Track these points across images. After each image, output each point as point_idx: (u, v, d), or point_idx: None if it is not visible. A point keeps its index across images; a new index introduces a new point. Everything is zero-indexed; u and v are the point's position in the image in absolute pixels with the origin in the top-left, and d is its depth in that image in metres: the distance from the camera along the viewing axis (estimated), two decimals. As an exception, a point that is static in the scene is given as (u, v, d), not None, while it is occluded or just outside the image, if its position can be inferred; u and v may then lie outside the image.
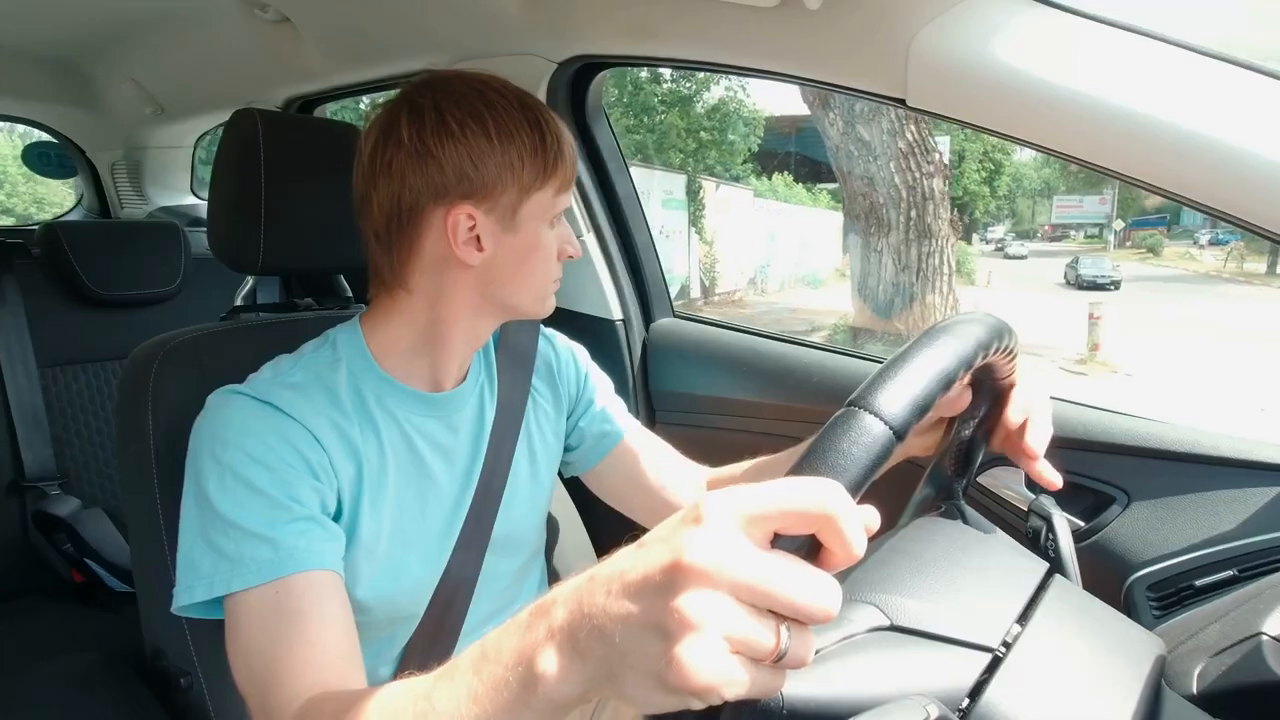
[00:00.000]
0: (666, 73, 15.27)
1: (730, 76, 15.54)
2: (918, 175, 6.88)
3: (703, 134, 15.21)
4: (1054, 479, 0.64)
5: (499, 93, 0.72)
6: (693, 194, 12.58)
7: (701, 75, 15.73)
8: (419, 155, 0.70)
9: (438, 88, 0.72)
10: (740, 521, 0.34)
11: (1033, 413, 0.65)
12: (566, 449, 0.96)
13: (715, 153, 15.23)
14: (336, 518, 0.70)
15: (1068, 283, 18.97)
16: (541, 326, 0.97)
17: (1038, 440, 0.64)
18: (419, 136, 0.70)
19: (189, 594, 0.64)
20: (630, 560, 0.36)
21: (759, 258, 14.99)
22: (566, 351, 0.97)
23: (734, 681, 0.33)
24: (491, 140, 0.70)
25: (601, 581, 0.36)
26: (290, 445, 0.67)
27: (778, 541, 0.34)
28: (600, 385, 0.98)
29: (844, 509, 0.34)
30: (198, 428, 0.69)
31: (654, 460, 0.97)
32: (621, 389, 1.38)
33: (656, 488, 0.95)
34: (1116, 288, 18.21)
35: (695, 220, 12.42)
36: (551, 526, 1.19)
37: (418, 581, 0.78)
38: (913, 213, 6.98)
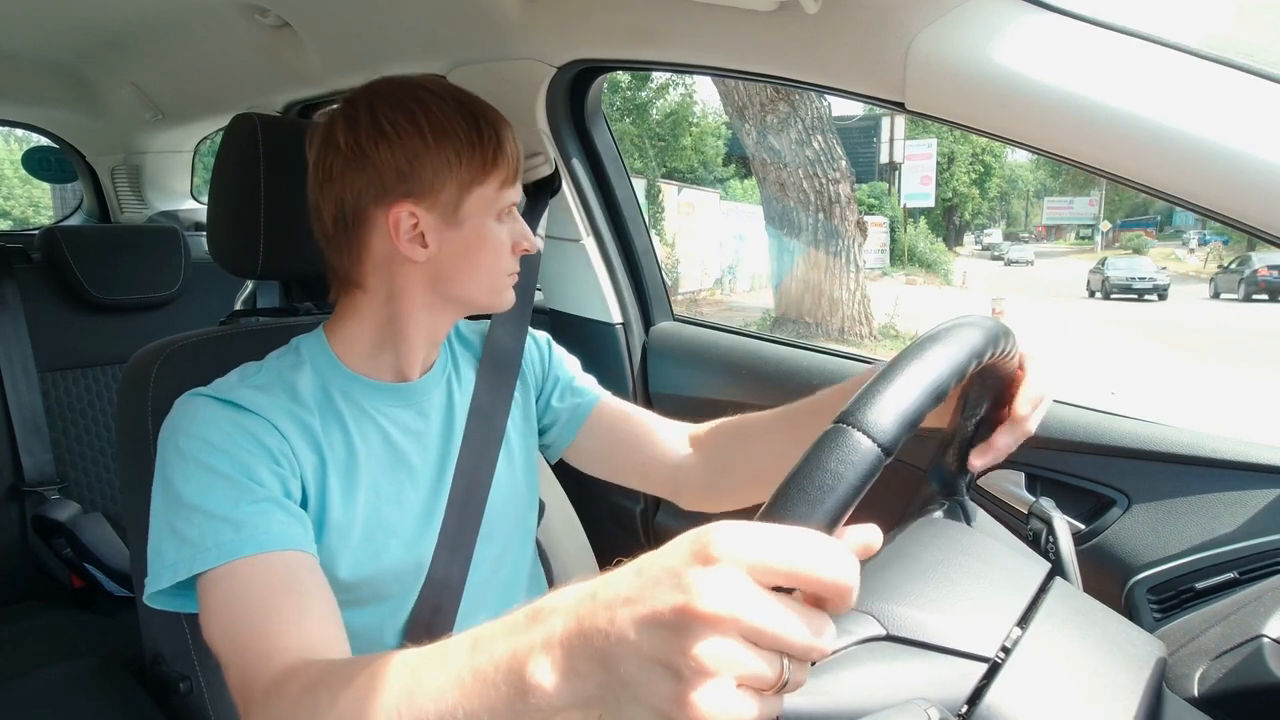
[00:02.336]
0: (624, 81, 15.39)
1: (685, 85, 15.81)
2: (824, 181, 7.42)
3: (661, 142, 15.37)
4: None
5: (433, 92, 0.74)
6: (652, 197, 12.70)
7: (655, 85, 15.98)
8: (357, 158, 0.72)
9: (373, 92, 0.75)
10: (750, 568, 0.34)
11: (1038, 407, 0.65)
12: (542, 431, 0.97)
13: (672, 158, 15.38)
14: (303, 504, 0.72)
15: (1091, 292, 15.68)
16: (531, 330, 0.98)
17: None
18: (355, 141, 0.72)
19: (155, 582, 0.65)
20: (635, 588, 0.36)
21: (728, 258, 14.75)
22: (531, 338, 0.98)
23: (742, 716, 0.34)
24: (425, 139, 0.72)
25: (604, 605, 0.36)
26: (248, 434, 0.69)
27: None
28: (567, 362, 1.00)
29: (856, 581, 0.35)
30: (164, 427, 0.71)
31: (631, 420, 0.96)
32: (621, 392, 1.37)
33: (640, 444, 0.94)
34: (1163, 296, 14.66)
35: (655, 222, 12.50)
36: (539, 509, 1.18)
37: (399, 562, 0.79)
38: (820, 215, 7.54)
